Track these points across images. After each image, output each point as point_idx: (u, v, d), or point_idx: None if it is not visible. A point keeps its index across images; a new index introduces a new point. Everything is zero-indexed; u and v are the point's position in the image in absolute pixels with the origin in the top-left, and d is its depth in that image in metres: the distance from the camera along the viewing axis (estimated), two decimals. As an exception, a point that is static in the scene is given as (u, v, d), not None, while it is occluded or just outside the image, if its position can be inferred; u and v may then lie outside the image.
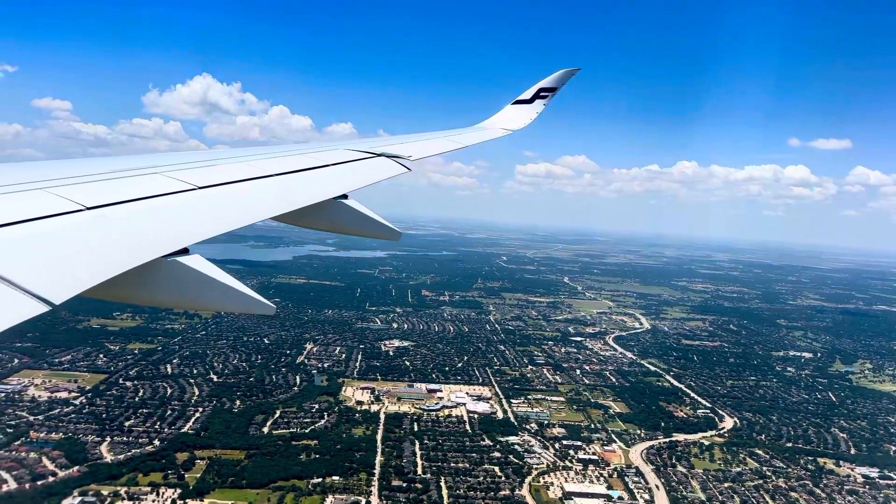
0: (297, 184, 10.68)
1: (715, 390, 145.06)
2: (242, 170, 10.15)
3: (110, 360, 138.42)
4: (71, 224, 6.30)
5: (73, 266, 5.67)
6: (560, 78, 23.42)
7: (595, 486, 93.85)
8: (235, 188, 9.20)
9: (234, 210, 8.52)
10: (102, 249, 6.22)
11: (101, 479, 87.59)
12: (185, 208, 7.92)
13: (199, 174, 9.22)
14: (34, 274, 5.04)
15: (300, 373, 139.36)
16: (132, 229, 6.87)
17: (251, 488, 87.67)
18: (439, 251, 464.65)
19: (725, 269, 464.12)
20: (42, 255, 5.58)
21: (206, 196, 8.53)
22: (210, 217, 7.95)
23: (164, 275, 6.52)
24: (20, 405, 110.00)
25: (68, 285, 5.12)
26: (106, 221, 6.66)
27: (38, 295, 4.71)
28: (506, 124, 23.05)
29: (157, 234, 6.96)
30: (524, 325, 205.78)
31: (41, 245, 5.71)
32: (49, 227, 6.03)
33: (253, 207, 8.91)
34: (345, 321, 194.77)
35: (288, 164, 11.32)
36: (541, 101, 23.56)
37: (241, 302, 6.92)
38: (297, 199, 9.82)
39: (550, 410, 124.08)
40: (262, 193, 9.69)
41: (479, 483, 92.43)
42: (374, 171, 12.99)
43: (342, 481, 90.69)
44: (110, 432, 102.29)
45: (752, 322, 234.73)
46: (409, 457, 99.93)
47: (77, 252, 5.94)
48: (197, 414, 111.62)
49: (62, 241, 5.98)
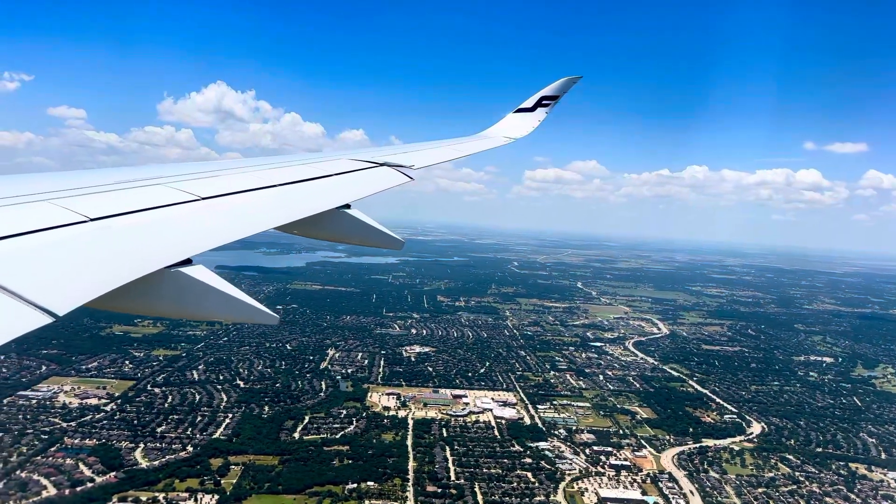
0: (300, 194, 10.75)
1: (740, 395, 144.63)
2: (246, 180, 10.19)
3: (136, 366, 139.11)
4: (75, 235, 6.31)
5: (77, 277, 5.70)
6: (562, 86, 23.49)
7: (630, 491, 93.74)
8: (239, 199, 9.24)
9: (237, 220, 8.58)
10: (106, 260, 6.24)
11: (138, 485, 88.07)
12: (188, 219, 7.96)
13: (202, 185, 9.25)
14: (38, 285, 5.06)
15: (325, 378, 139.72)
16: (136, 240, 6.90)
17: (287, 494, 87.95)
18: (450, 257, 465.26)
19: (738, 273, 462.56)
20: (46, 267, 5.60)
21: (210, 207, 8.55)
22: (213, 228, 8.01)
23: (168, 285, 6.51)
24: (52, 412, 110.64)
25: (72, 297, 5.14)
26: (109, 232, 6.69)
27: (41, 306, 4.73)
28: (508, 132, 23.25)
29: (160, 245, 6.98)
30: (542, 331, 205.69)
31: (45, 256, 5.73)
32: (53, 239, 6.04)
33: (256, 218, 8.96)
34: (364, 327, 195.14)
35: (291, 175, 11.39)
36: (543, 109, 23.66)
37: (245, 312, 6.94)
38: (301, 210, 9.86)
39: (577, 416, 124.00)
40: (266, 204, 9.73)
41: (514, 489, 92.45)
42: (377, 180, 13.04)
43: (377, 487, 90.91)
44: (143, 438, 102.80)
45: (770, 327, 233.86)
46: (441, 462, 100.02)
47: (81, 263, 5.95)
48: (227, 420, 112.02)
49: (66, 252, 5.99)
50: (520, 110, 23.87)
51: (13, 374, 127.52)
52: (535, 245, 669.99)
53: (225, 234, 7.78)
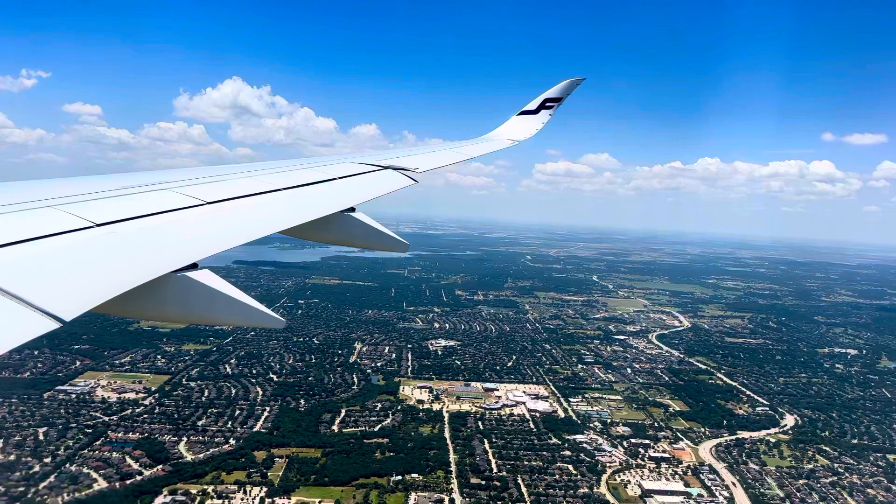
0: (304, 198, 10.77)
1: (769, 388, 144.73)
2: (251, 185, 10.21)
3: (169, 360, 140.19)
4: (81, 241, 6.30)
5: (83, 282, 5.71)
6: (565, 88, 23.38)
7: (672, 483, 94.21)
8: (244, 203, 9.27)
9: (242, 225, 8.59)
10: (112, 266, 6.27)
11: (186, 477, 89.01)
12: (194, 224, 7.97)
13: (207, 189, 9.26)
14: (44, 291, 5.07)
15: (356, 372, 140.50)
16: (141, 245, 6.90)
17: (334, 485, 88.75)
18: (463, 251, 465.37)
19: (752, 265, 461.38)
20: (52, 273, 5.61)
21: (215, 211, 8.55)
22: (219, 232, 8.02)
23: (174, 290, 6.51)
24: (92, 406, 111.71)
25: (78, 302, 5.16)
26: (115, 238, 6.69)
27: (48, 311, 4.75)
28: (511, 135, 23.23)
29: (166, 250, 6.99)
30: (564, 324, 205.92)
31: (51, 262, 5.74)
32: (59, 244, 6.04)
33: (261, 222, 8.97)
34: (387, 321, 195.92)
35: (296, 178, 11.44)
36: (546, 111, 23.54)
37: (251, 316, 6.97)
38: (306, 213, 9.87)
39: (611, 409, 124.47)
40: (271, 208, 9.73)
41: (556, 481, 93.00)
42: (381, 183, 13.07)
43: (421, 479, 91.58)
44: (185, 432, 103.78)
45: (791, 319, 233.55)
46: (481, 455, 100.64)
47: (87, 269, 5.96)
48: (265, 413, 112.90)
49: (72, 258, 5.99)
50: (523, 112, 23.89)
51: (49, 370, 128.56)
52: (545, 239, 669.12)
53: (231, 238, 7.84)
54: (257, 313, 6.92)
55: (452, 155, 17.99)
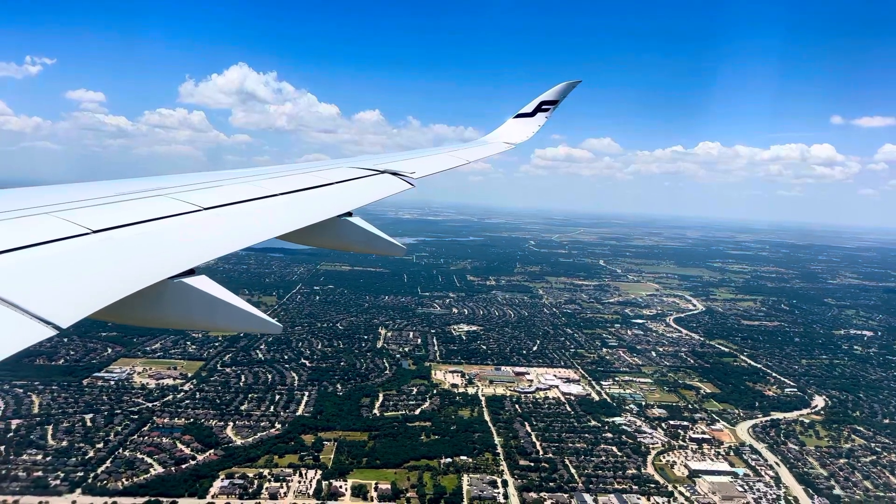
0: (302, 203, 10.75)
1: (793, 369, 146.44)
2: (247, 190, 10.22)
3: (199, 347, 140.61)
4: (77, 248, 6.27)
5: (80, 289, 5.68)
6: (561, 91, 23.52)
7: (717, 463, 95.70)
8: (241, 208, 9.27)
9: (239, 230, 8.58)
10: (109, 272, 6.22)
11: (239, 461, 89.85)
12: (191, 229, 7.95)
13: (204, 195, 9.28)
14: (41, 298, 5.07)
15: (385, 357, 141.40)
16: (138, 252, 6.88)
17: (386, 468, 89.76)
18: (466, 236, 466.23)
19: (754, 249, 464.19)
20: (48, 280, 5.57)
21: (212, 217, 8.54)
22: (216, 238, 8.01)
23: (171, 296, 6.51)
24: (133, 392, 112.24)
25: (75, 309, 5.15)
26: (112, 244, 6.67)
27: (44, 319, 4.75)
28: (508, 138, 23.27)
29: (163, 256, 6.96)
30: (581, 309, 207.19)
31: (47, 269, 5.71)
32: (56, 251, 6.02)
33: (258, 227, 8.96)
34: (405, 306, 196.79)
35: (293, 183, 11.43)
36: (542, 113, 23.61)
37: (248, 322, 6.93)
38: (303, 218, 9.83)
39: (643, 391, 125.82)
40: (268, 213, 9.72)
41: (604, 462, 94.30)
42: (378, 188, 13.10)
43: (471, 461, 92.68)
44: (230, 416, 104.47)
45: (802, 302, 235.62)
46: (525, 437, 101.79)
47: (83, 275, 5.94)
48: (305, 398, 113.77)
49: (68, 264, 5.96)
50: (520, 115, 23.93)
51: (82, 357, 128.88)
52: (545, 224, 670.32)
53: (227, 244, 7.84)
54: (254, 319, 6.88)
55: (450, 160, 18.06)
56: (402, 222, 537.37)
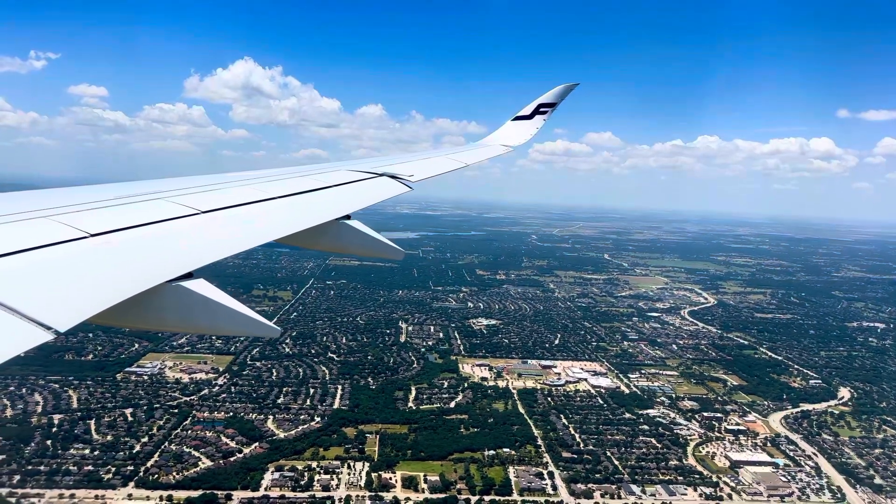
0: (300, 206, 10.72)
1: (813, 361, 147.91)
2: (246, 193, 10.23)
3: (226, 342, 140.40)
4: (75, 251, 6.28)
5: (78, 293, 5.70)
6: (559, 93, 23.59)
7: (757, 454, 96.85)
8: (239, 212, 9.28)
9: (237, 234, 8.59)
10: (107, 276, 6.23)
11: (286, 454, 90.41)
12: (188, 233, 7.95)
13: (202, 199, 9.29)
14: (39, 302, 5.09)
15: (410, 351, 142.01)
16: (136, 255, 6.89)
17: (432, 460, 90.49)
18: (467, 231, 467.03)
19: (754, 242, 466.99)
20: (46, 283, 5.59)
21: (210, 220, 8.55)
22: (214, 241, 8.02)
23: (169, 300, 6.49)
24: (168, 386, 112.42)
25: (73, 312, 5.17)
26: (110, 248, 6.68)
27: (42, 322, 4.75)
28: (506, 140, 23.28)
29: (161, 260, 6.98)
30: (595, 302, 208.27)
31: (45, 273, 5.74)
32: (53, 255, 6.03)
33: (256, 230, 8.97)
34: (420, 301, 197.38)
35: (291, 187, 11.43)
36: (540, 116, 23.66)
37: (247, 325, 6.92)
38: (301, 222, 9.82)
39: (671, 384, 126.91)
40: (266, 216, 9.73)
41: (645, 454, 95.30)
42: (376, 191, 13.09)
43: (514, 453, 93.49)
44: (268, 410, 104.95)
45: (810, 294, 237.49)
46: (563, 430, 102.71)
47: (81, 279, 5.94)
48: (339, 391, 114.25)
49: (67, 268, 5.97)
50: (518, 118, 24.02)
51: (111, 352, 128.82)
52: (543, 218, 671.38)
53: (226, 247, 7.83)
54: (252, 322, 6.85)
55: (448, 163, 18.14)
56: (401, 217, 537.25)
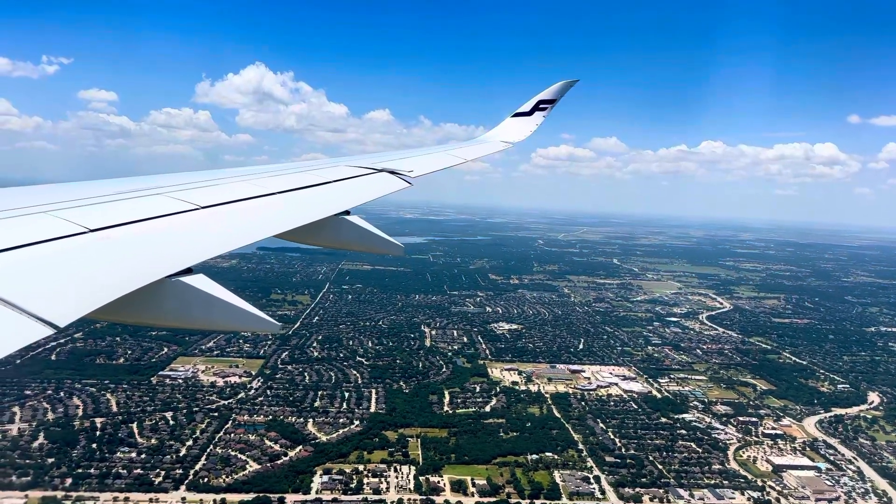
0: (299, 201, 10.77)
1: (838, 366, 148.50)
2: (245, 189, 10.26)
3: (253, 345, 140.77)
4: (74, 247, 6.29)
5: (78, 288, 5.70)
6: (558, 90, 23.58)
7: (798, 458, 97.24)
8: (238, 207, 9.31)
9: (237, 229, 8.60)
10: (106, 271, 6.23)
11: (331, 457, 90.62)
12: (188, 228, 7.98)
13: (202, 194, 9.30)
14: (38, 297, 5.10)
15: (437, 355, 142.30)
16: (136, 250, 6.90)
17: (476, 464, 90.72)
18: (473, 236, 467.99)
19: (759, 247, 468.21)
20: (46, 279, 5.59)
21: (210, 216, 8.55)
22: (213, 236, 8.04)
23: (169, 295, 6.50)
24: (204, 390, 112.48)
25: (72, 308, 5.18)
26: (110, 243, 6.69)
27: (42, 318, 4.78)
28: (506, 137, 23.26)
29: (160, 255, 6.97)
30: (612, 307, 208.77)
31: (45, 268, 5.74)
32: (53, 250, 6.03)
33: (256, 225, 8.99)
34: (438, 305, 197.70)
35: (290, 182, 11.45)
36: (540, 113, 23.65)
37: (247, 321, 6.92)
38: (300, 217, 9.85)
39: (702, 389, 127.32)
40: (265, 212, 9.74)
41: (687, 458, 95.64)
42: (375, 186, 13.09)
43: (557, 458, 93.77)
44: (307, 413, 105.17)
45: (824, 299, 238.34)
46: (602, 434, 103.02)
47: (81, 274, 5.97)
48: (374, 395, 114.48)
49: (66, 263, 5.98)
50: (517, 114, 24.02)
51: (142, 356, 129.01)
52: (547, 223, 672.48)
53: (225, 242, 7.85)
54: (253, 317, 6.87)
55: (447, 158, 18.13)
56: (406, 222, 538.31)
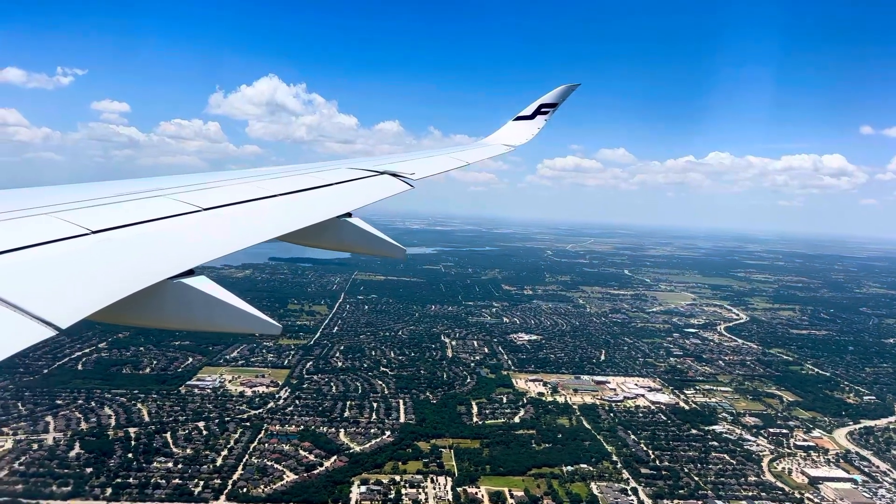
0: (301, 203, 10.75)
1: (861, 377, 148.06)
2: (247, 191, 10.26)
3: (277, 355, 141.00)
4: (76, 248, 6.30)
5: (79, 290, 5.69)
6: (560, 94, 23.63)
7: (833, 470, 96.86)
8: (240, 209, 9.30)
9: (238, 231, 8.62)
10: (108, 273, 6.23)
11: (367, 468, 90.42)
12: (190, 230, 7.98)
13: (204, 196, 9.30)
14: (40, 298, 5.10)
15: (460, 366, 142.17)
16: (137, 252, 6.89)
17: (512, 475, 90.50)
18: (482, 246, 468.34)
19: (768, 259, 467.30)
20: (48, 280, 5.59)
21: (211, 217, 8.56)
22: (215, 238, 8.03)
23: (171, 297, 6.50)
24: (233, 400, 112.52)
25: (74, 309, 5.17)
26: (112, 244, 6.69)
27: (43, 319, 4.77)
28: (508, 140, 23.26)
29: (162, 257, 6.98)
30: (629, 318, 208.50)
31: (47, 269, 5.74)
32: (55, 252, 6.03)
33: (258, 228, 8.96)
34: (455, 316, 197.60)
35: (292, 184, 11.45)
36: (542, 116, 23.68)
37: (248, 322, 6.92)
38: (302, 219, 9.83)
39: (729, 400, 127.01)
40: (267, 214, 9.76)
41: (723, 470, 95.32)
42: (377, 188, 13.12)
43: (592, 469, 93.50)
44: (338, 423, 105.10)
45: (839, 311, 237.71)
46: (634, 445, 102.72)
47: (83, 276, 5.95)
48: (402, 405, 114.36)
49: (68, 265, 5.98)
50: (519, 118, 24.00)
51: (167, 366, 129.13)
52: (553, 234, 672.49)
53: (227, 244, 7.86)
54: (254, 319, 6.88)
55: (449, 161, 18.20)
56: (413, 232, 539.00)
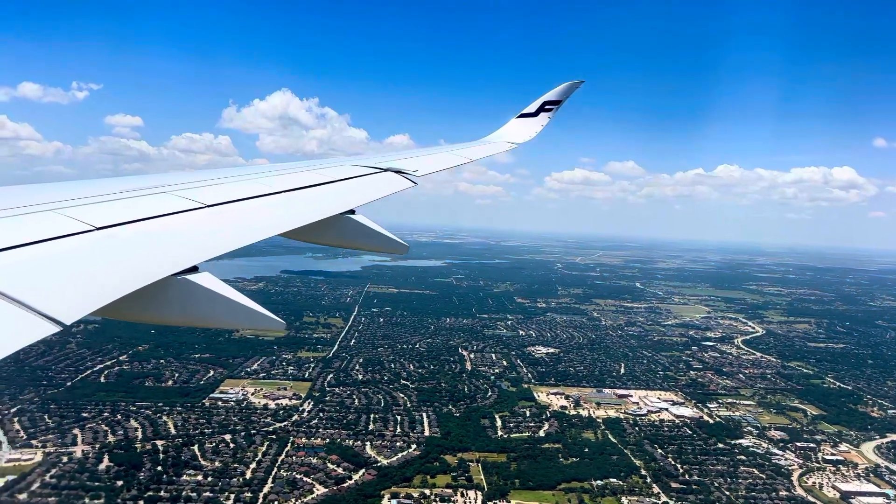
0: (304, 200, 10.75)
1: (883, 391, 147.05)
2: (250, 187, 10.26)
3: (297, 368, 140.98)
4: (80, 244, 6.34)
5: (83, 286, 5.73)
6: (564, 91, 23.44)
7: (864, 484, 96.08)
8: (243, 205, 9.32)
9: (242, 227, 8.61)
10: (112, 269, 6.24)
11: (396, 481, 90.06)
12: (193, 226, 7.99)
13: (207, 192, 9.31)
14: (44, 294, 5.12)
15: (480, 378, 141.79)
16: (141, 248, 6.92)
17: (542, 489, 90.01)
18: (491, 259, 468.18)
19: (779, 272, 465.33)
20: (52, 276, 5.61)
21: (215, 214, 8.57)
22: (219, 235, 8.03)
23: (174, 293, 6.53)
24: (258, 413, 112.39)
25: (78, 305, 5.20)
26: (116, 241, 6.72)
27: (48, 315, 4.80)
28: (511, 137, 23.13)
29: (166, 253, 6.99)
30: (645, 331, 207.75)
31: (51, 266, 5.76)
32: (59, 248, 6.06)
33: (261, 224, 8.96)
34: (471, 328, 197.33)
35: (295, 181, 11.46)
36: (545, 113, 23.48)
37: (252, 319, 6.94)
38: (306, 216, 9.83)
39: (753, 414, 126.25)
40: (270, 210, 9.75)
41: (753, 484, 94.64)
42: (380, 185, 13.08)
43: (622, 483, 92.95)
44: (363, 436, 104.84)
45: (855, 324, 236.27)
46: (662, 459, 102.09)
47: (87, 272, 5.99)
48: (426, 419, 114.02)
49: (72, 261, 6.02)
50: (522, 115, 23.81)
51: (189, 378, 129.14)
52: (561, 247, 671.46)
53: (230, 241, 7.85)
54: (259, 316, 6.90)
55: (452, 158, 18.13)
56: (422, 245, 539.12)
